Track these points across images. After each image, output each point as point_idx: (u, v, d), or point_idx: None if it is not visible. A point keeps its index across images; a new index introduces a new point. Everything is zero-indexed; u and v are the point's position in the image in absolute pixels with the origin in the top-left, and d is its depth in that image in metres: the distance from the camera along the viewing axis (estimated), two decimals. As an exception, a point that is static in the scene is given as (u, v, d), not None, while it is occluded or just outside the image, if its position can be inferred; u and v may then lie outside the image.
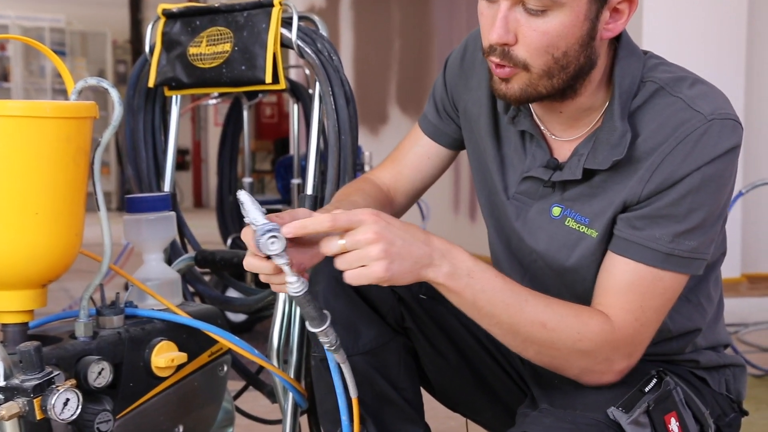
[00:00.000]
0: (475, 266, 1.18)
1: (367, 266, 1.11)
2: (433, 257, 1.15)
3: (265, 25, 1.65)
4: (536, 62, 1.20)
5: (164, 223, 1.47)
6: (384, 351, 1.37)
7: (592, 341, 1.21)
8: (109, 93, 1.25)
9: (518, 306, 1.19)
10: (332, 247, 1.12)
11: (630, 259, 1.23)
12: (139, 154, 1.79)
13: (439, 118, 1.53)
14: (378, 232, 1.11)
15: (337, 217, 1.12)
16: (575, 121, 1.30)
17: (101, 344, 1.27)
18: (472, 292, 1.17)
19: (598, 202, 1.27)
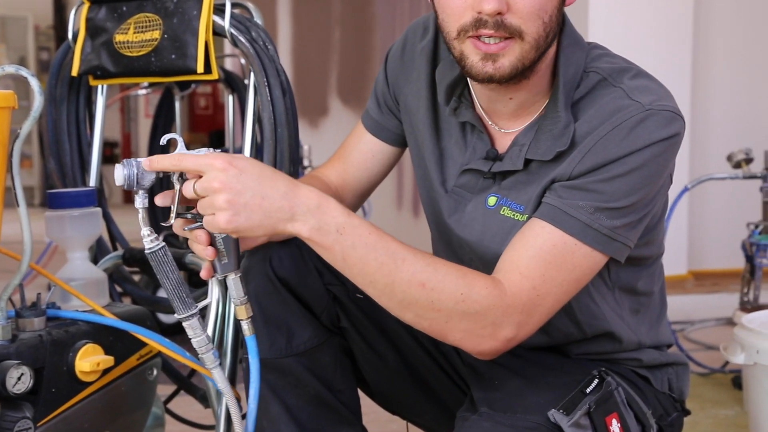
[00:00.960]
0: (347, 221, 1.16)
1: (214, 215, 1.13)
2: (294, 212, 1.14)
3: (196, 12, 1.64)
4: (530, 28, 1.21)
5: (89, 219, 1.46)
6: (319, 352, 1.38)
7: (477, 303, 1.18)
8: (29, 82, 1.23)
9: (393, 264, 1.16)
10: (187, 190, 1.15)
11: (546, 222, 1.22)
12: (62, 147, 1.77)
13: (381, 114, 1.54)
14: (223, 182, 1.12)
15: (182, 158, 1.14)
16: (522, 109, 1.32)
17: (21, 348, 1.25)
18: (341, 248, 1.16)
19: (533, 189, 1.28)
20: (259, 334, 1.34)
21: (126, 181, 1.14)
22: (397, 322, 1.45)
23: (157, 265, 1.18)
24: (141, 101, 10.87)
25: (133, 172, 1.15)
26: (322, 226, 1.15)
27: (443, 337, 1.22)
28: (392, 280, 1.17)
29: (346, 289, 1.41)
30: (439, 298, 1.18)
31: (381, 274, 1.17)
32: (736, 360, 2.14)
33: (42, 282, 3.98)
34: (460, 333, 1.21)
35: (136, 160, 1.15)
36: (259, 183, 1.13)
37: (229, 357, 1.60)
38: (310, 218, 1.15)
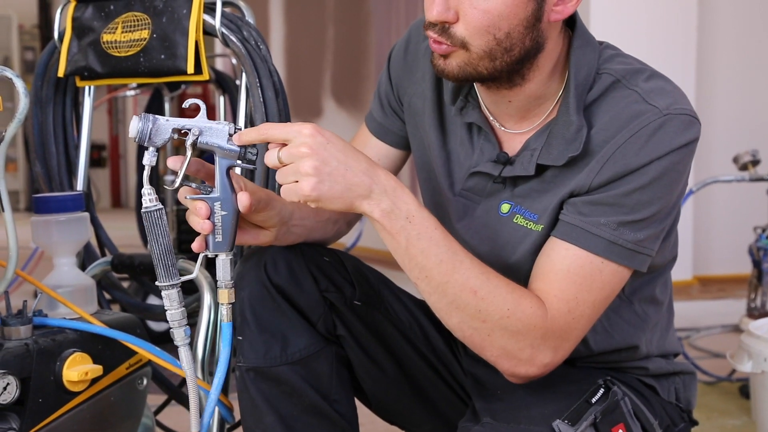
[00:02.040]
0: (417, 211, 1.20)
1: (298, 182, 1.15)
2: (372, 190, 1.18)
3: (186, 11, 1.64)
4: (476, 42, 1.22)
5: (76, 224, 1.45)
6: (315, 360, 1.38)
7: (521, 321, 1.21)
8: (14, 83, 1.23)
9: (452, 264, 1.20)
10: (271, 159, 1.17)
11: (571, 244, 1.24)
12: (48, 150, 1.76)
13: (385, 116, 1.53)
14: (312, 147, 1.14)
15: (269, 127, 1.17)
16: (526, 111, 1.33)
17: (6, 357, 1.25)
18: (407, 236, 1.19)
19: (548, 198, 1.29)
20: (253, 342, 1.35)
21: (139, 134, 1.16)
22: (396, 329, 1.45)
23: (150, 226, 1.19)
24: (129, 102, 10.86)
25: (148, 128, 1.16)
26: (393, 210, 1.18)
27: (481, 350, 1.25)
28: (447, 280, 1.20)
29: (344, 296, 1.41)
30: (486, 309, 1.21)
31: (438, 271, 1.20)
32: (744, 368, 2.14)
33: (28, 289, 3.98)
34: (498, 350, 1.24)
35: (155, 116, 1.17)
36: (345, 154, 1.17)
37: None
38: (385, 199, 1.18)
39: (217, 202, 1.19)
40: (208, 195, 1.19)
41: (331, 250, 1.45)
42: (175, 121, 1.18)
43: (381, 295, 1.47)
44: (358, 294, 1.42)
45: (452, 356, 1.50)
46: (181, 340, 1.23)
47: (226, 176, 1.20)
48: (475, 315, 1.21)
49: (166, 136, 1.18)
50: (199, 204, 1.20)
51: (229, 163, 1.20)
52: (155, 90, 3.48)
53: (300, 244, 1.40)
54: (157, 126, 1.17)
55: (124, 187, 11.44)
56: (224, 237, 1.20)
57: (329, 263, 1.41)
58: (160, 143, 1.18)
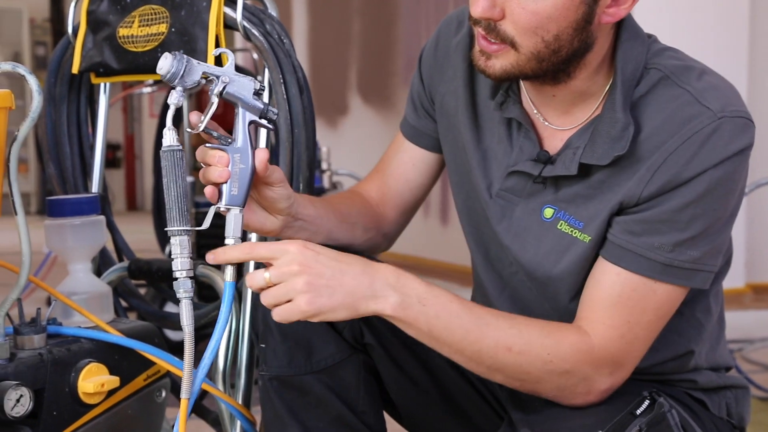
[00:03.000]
0: (427, 292, 1.22)
1: (292, 300, 1.17)
2: (375, 288, 1.20)
3: (205, 4, 1.65)
4: (525, 42, 1.23)
5: (92, 228, 1.47)
6: (341, 369, 1.38)
7: (565, 361, 1.24)
8: (27, 80, 1.25)
9: (479, 331, 1.23)
10: (256, 281, 1.19)
11: (622, 269, 1.25)
12: (62, 150, 1.78)
13: (418, 118, 1.54)
14: (303, 263, 1.17)
15: (255, 247, 1.20)
16: (570, 106, 1.33)
17: (20, 367, 1.26)
18: (426, 320, 1.22)
19: (595, 205, 1.28)
20: (276, 350, 1.36)
21: (170, 72, 1.18)
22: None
23: (169, 165, 1.20)
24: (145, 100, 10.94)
25: (181, 66, 1.18)
26: (404, 300, 1.21)
27: (538, 394, 1.29)
28: (479, 348, 1.23)
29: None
30: (527, 361, 1.24)
31: (467, 342, 1.23)
32: (801, 381, 2.12)
33: (40, 296, 4.01)
34: (553, 391, 1.27)
35: (188, 57, 1.20)
36: (338, 261, 1.20)
37: (243, 376, 1.61)
38: (392, 293, 1.21)
39: (236, 154, 1.22)
40: (228, 146, 1.22)
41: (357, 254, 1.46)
42: (205, 66, 1.21)
43: (411, 302, 1.47)
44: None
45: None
46: (185, 293, 1.22)
47: (247, 129, 1.23)
48: (517, 369, 1.25)
49: (196, 78, 1.20)
50: (219, 153, 1.22)
51: (251, 118, 1.23)
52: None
53: (324, 247, 1.40)
54: (189, 66, 1.19)
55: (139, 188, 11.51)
56: (240, 190, 1.22)
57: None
58: (189, 85, 1.20)
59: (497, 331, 1.23)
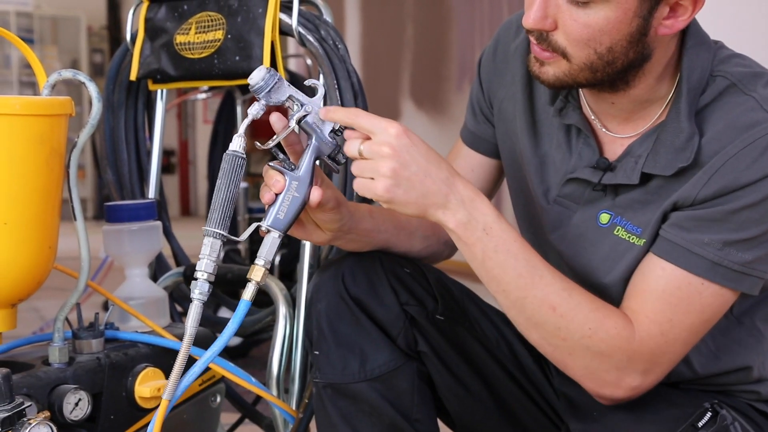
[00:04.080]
0: (495, 222, 1.22)
1: (373, 179, 1.18)
2: (449, 199, 1.20)
3: (261, 10, 1.66)
4: (576, 54, 1.22)
5: (149, 233, 1.48)
6: (395, 377, 1.38)
7: (604, 342, 1.22)
8: (86, 87, 1.26)
9: (530, 278, 1.22)
10: (351, 149, 1.20)
11: (669, 263, 1.23)
12: (120, 156, 1.80)
13: (477, 124, 1.53)
14: (395, 148, 1.18)
15: (358, 114, 1.20)
16: (631, 113, 1.31)
17: (78, 372, 1.28)
18: (483, 248, 1.21)
19: (652, 210, 1.27)
20: (330, 357, 1.35)
21: (259, 84, 1.20)
22: (481, 346, 1.44)
23: (227, 168, 1.21)
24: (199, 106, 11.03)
25: (271, 82, 1.20)
26: (470, 221, 1.21)
27: (565, 368, 1.26)
28: (525, 295, 1.22)
29: (425, 309, 1.41)
30: (566, 326, 1.22)
31: (516, 285, 1.22)
32: None
33: (96, 300, 4.06)
34: (582, 370, 1.25)
35: (280, 76, 1.22)
36: (427, 160, 1.20)
37: (297, 382, 1.62)
38: (461, 210, 1.20)
39: (294, 182, 1.22)
40: (289, 171, 1.23)
41: (412, 260, 1.45)
42: (294, 91, 1.23)
43: (465, 309, 1.47)
44: (441, 308, 1.42)
45: (542, 375, 1.49)
46: (200, 294, 1.22)
47: (312, 163, 1.23)
48: (554, 332, 1.23)
49: (282, 98, 1.22)
50: (278, 176, 1.23)
51: (319, 153, 1.24)
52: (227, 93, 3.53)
53: (378, 254, 1.40)
54: (279, 85, 1.21)
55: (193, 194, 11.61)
56: (285, 217, 1.23)
57: (410, 275, 1.41)
58: (273, 102, 1.22)
59: (548, 287, 1.22)
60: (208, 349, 1.21)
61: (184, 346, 1.20)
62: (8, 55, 10.34)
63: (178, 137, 11.60)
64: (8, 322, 1.25)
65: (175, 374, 1.20)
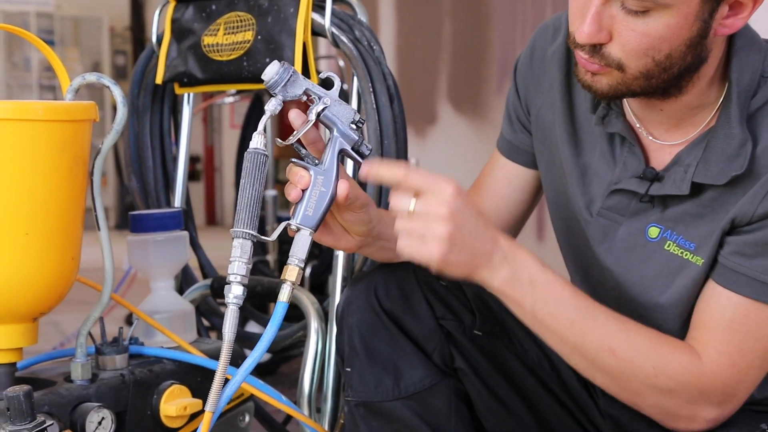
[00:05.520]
0: (540, 273, 1.22)
1: (426, 242, 1.17)
2: (493, 257, 1.20)
3: (293, 10, 1.67)
4: (633, 64, 1.21)
5: (175, 244, 1.49)
6: (431, 395, 1.38)
7: (671, 380, 1.22)
8: (111, 91, 1.28)
9: (585, 325, 1.22)
10: (401, 204, 1.18)
11: (734, 292, 1.23)
12: (144, 163, 1.81)
13: (514, 133, 1.53)
14: (453, 210, 1.16)
15: (409, 172, 1.18)
16: (679, 120, 1.30)
17: (101, 389, 1.29)
18: (532, 302, 1.22)
19: (706, 224, 1.26)
20: (362, 374, 1.36)
21: (273, 80, 1.21)
22: (521, 363, 1.44)
23: (250, 167, 1.22)
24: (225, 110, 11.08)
25: (286, 77, 1.22)
26: (514, 277, 1.21)
27: (636, 407, 1.27)
28: (582, 342, 1.23)
29: (462, 324, 1.41)
30: (629, 368, 1.23)
31: (571, 333, 1.23)
32: None
33: (119, 314, 4.09)
34: (653, 408, 1.26)
35: (294, 70, 1.23)
36: (477, 219, 1.20)
37: (330, 401, 1.62)
38: (504, 267, 1.21)
39: (320, 176, 1.23)
40: (314, 166, 1.24)
41: None
42: (310, 84, 1.24)
43: (505, 324, 1.46)
44: (479, 323, 1.42)
45: (587, 395, 1.48)
46: (234, 298, 1.22)
47: (336, 156, 1.24)
48: (618, 375, 1.24)
49: (298, 92, 1.23)
50: (302, 172, 1.24)
51: (343, 146, 1.25)
52: (255, 96, 3.55)
53: (413, 266, 1.40)
54: (294, 78, 1.22)
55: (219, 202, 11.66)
56: (314, 213, 1.23)
57: (446, 287, 1.41)
58: (289, 97, 1.23)
59: (604, 329, 1.23)
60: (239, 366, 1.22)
61: (224, 354, 1.21)
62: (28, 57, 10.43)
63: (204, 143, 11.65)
64: (29, 337, 1.26)
65: (216, 384, 1.20)
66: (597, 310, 1.24)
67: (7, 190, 1.17)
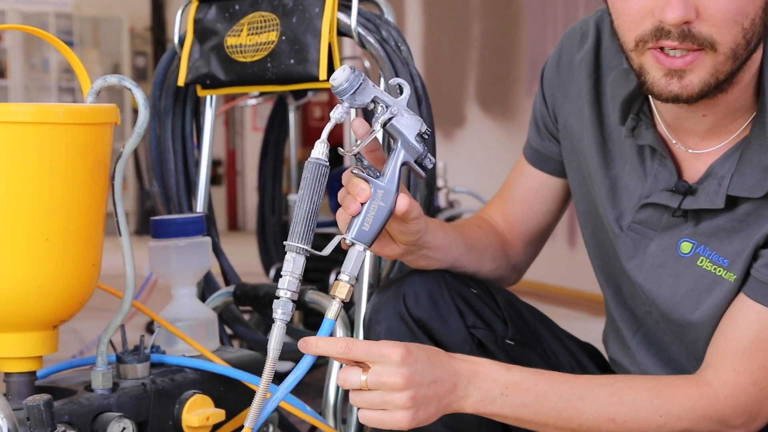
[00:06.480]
0: (509, 379, 1.22)
1: (388, 412, 1.18)
2: (457, 389, 1.21)
3: (318, 10, 1.67)
4: (725, 37, 1.17)
5: (197, 250, 1.50)
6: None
7: (681, 420, 1.22)
8: (132, 93, 1.28)
9: (573, 408, 1.23)
10: (351, 381, 1.19)
11: (764, 306, 1.22)
12: (166, 167, 1.81)
13: (541, 140, 1.52)
14: (407, 377, 1.17)
15: (351, 345, 1.18)
16: (719, 127, 1.28)
17: (122, 398, 1.30)
18: (512, 410, 1.23)
19: (741, 240, 1.25)
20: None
21: (343, 85, 1.20)
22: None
23: (309, 177, 1.21)
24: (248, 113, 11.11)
25: (356, 83, 1.20)
26: (485, 396, 1.22)
27: None
28: (578, 424, 1.23)
29: (494, 333, 1.40)
30: (636, 428, 1.23)
31: (563, 421, 1.23)
32: None
33: (139, 321, 4.11)
34: None
35: (365, 77, 1.22)
36: (432, 366, 1.20)
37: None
38: (471, 391, 1.22)
39: (380, 190, 1.22)
40: (375, 179, 1.23)
41: (479, 281, 1.45)
42: (379, 92, 1.23)
43: (538, 333, 1.46)
44: (511, 332, 1.42)
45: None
46: (283, 314, 1.22)
47: (399, 169, 1.23)
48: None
49: (366, 100, 1.22)
50: (363, 184, 1.22)
51: (407, 159, 1.24)
52: (279, 98, 3.55)
53: (443, 272, 1.40)
54: (364, 86, 1.21)
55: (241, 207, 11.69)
56: (371, 228, 1.23)
57: (477, 295, 1.41)
58: (357, 105, 1.22)
59: (594, 404, 1.23)
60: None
61: (268, 368, 1.22)
62: (47, 58, 10.50)
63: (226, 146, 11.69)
64: (50, 345, 1.27)
65: (258, 400, 1.22)
66: (579, 387, 1.24)
67: (27, 194, 1.18)
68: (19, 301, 1.20)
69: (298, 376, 1.23)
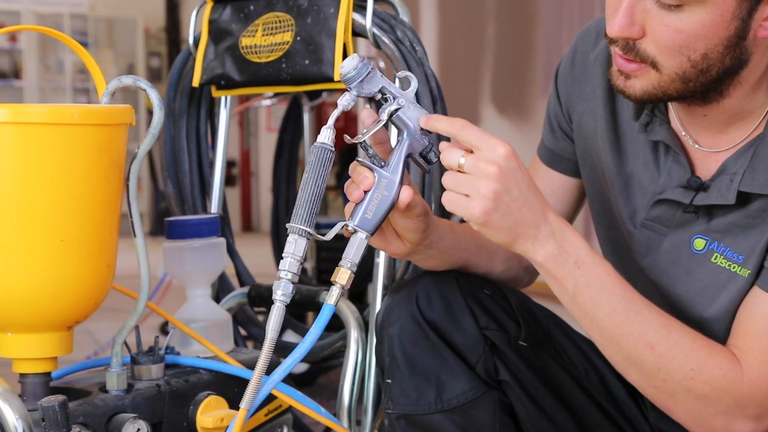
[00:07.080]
0: (587, 255, 1.22)
1: (469, 197, 1.18)
2: (540, 230, 1.20)
3: (333, 10, 1.67)
4: (668, 62, 1.20)
5: (212, 251, 1.50)
6: (475, 408, 1.38)
7: (708, 385, 1.21)
8: (147, 94, 1.29)
9: (626, 315, 1.21)
10: (451, 159, 1.20)
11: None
12: (181, 168, 1.82)
13: (555, 140, 1.53)
14: (503, 169, 1.17)
15: (465, 126, 1.20)
16: (725, 126, 1.29)
17: (137, 399, 1.30)
18: (575, 283, 1.21)
19: (755, 236, 1.25)
20: (403, 386, 1.36)
21: (351, 73, 1.21)
22: (568, 375, 1.44)
23: (314, 161, 1.22)
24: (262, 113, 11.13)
25: (364, 72, 1.22)
26: (560, 254, 1.21)
27: (668, 411, 1.26)
28: (621, 332, 1.22)
29: (507, 335, 1.40)
30: (666, 367, 1.22)
31: (610, 322, 1.22)
32: None
33: (152, 323, 4.12)
34: (686, 414, 1.24)
35: (374, 66, 1.23)
36: (528, 187, 1.20)
37: (370, 413, 1.62)
38: (551, 242, 1.21)
39: (384, 179, 1.23)
40: (379, 168, 1.24)
41: (492, 282, 1.45)
42: (387, 82, 1.24)
43: (551, 335, 1.46)
44: (524, 333, 1.41)
45: (636, 409, 1.47)
46: (282, 296, 1.21)
47: (403, 160, 1.24)
48: (654, 373, 1.22)
49: (374, 89, 1.23)
50: (367, 172, 1.24)
51: (411, 150, 1.25)
52: (293, 99, 3.55)
53: (456, 274, 1.40)
54: (372, 75, 1.22)
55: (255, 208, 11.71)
56: (373, 216, 1.24)
57: (490, 297, 1.41)
58: (364, 93, 1.23)
59: (645, 323, 1.21)
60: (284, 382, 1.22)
61: (265, 350, 1.21)
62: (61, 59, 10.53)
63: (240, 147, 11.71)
64: (64, 346, 1.27)
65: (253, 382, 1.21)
66: (641, 302, 1.23)
67: (42, 195, 1.19)
68: (33, 302, 1.21)
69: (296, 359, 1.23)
